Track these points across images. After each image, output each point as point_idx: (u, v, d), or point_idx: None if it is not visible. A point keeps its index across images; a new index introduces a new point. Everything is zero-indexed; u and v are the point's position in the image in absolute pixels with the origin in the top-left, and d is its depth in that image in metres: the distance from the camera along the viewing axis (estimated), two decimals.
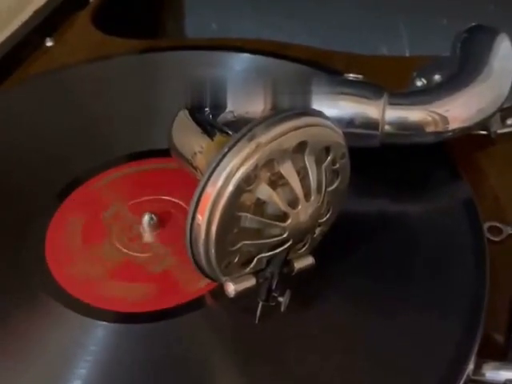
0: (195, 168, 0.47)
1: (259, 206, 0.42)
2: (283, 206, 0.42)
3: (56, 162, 0.57)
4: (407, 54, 0.75)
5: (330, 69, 0.63)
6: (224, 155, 0.40)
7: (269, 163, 0.41)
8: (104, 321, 0.45)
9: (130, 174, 0.55)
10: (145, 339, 0.45)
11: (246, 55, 0.65)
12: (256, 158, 0.40)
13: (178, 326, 0.45)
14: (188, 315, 0.46)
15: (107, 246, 0.50)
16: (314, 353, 0.43)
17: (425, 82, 0.60)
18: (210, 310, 0.46)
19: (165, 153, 0.52)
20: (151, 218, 0.50)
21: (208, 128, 0.49)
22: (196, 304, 0.46)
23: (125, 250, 0.50)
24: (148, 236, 0.50)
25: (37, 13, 0.71)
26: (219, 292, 0.45)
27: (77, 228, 0.51)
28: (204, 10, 0.85)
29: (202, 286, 0.46)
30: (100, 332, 0.45)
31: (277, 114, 0.42)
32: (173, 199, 0.52)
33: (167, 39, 0.75)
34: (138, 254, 0.49)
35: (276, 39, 0.71)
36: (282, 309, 0.42)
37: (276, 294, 0.42)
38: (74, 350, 0.44)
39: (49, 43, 0.71)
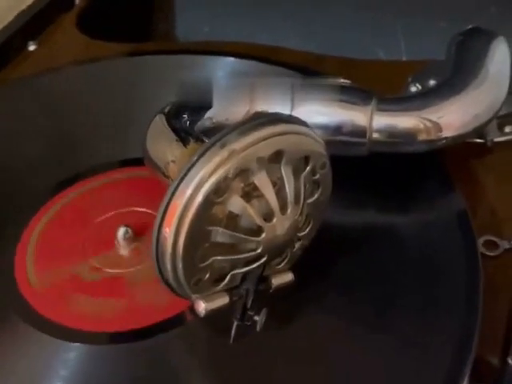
0: (168, 178, 0.45)
1: (232, 219, 0.39)
2: (257, 220, 0.39)
3: (29, 172, 0.55)
4: (404, 58, 0.72)
5: (320, 74, 0.60)
6: (194, 163, 0.38)
7: (242, 173, 0.39)
8: (76, 342, 0.43)
9: (105, 185, 0.53)
10: (119, 361, 0.43)
11: (230, 59, 0.63)
12: (228, 166, 0.38)
13: (154, 347, 0.43)
14: (164, 335, 0.43)
15: (80, 260, 0.48)
16: (294, 372, 0.41)
17: (419, 87, 0.57)
18: (187, 329, 0.44)
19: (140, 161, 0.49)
20: (126, 231, 0.48)
21: (183, 135, 0.46)
22: (172, 322, 0.44)
23: (99, 266, 0.47)
24: (123, 250, 0.48)
25: (20, 15, 0.68)
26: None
27: (48, 242, 0.49)
28: (196, 13, 0.83)
29: (179, 303, 0.43)
30: (72, 354, 0.43)
31: (252, 121, 0.39)
32: (148, 211, 0.50)
33: (153, 43, 0.73)
34: (113, 270, 0.47)
35: (271, 42, 0.69)
36: (258, 328, 0.40)
37: (252, 313, 0.40)
38: (43, 373, 0.42)
39: (31, 47, 0.69)
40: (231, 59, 0.63)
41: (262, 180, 0.39)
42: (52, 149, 0.56)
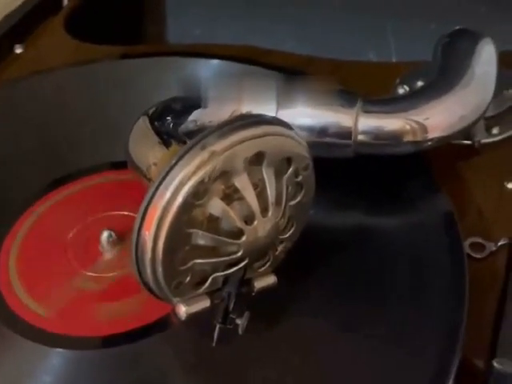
0: (150, 181, 0.44)
1: (213, 222, 0.39)
2: (238, 222, 0.39)
3: (10, 176, 0.54)
4: (394, 60, 0.72)
5: (306, 75, 0.60)
6: (173, 166, 0.37)
7: (223, 175, 0.38)
8: (58, 347, 0.43)
9: (87, 189, 0.53)
10: (102, 366, 0.42)
11: (217, 62, 0.62)
12: (208, 168, 0.37)
13: (138, 351, 0.42)
14: (148, 339, 0.43)
15: (64, 265, 0.47)
16: (278, 374, 0.41)
17: (407, 89, 0.57)
18: (171, 333, 0.43)
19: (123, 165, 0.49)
20: (110, 235, 0.47)
21: (165, 137, 0.45)
22: (157, 326, 0.43)
23: (81, 269, 0.47)
24: (108, 254, 0.47)
25: (6, 18, 0.68)
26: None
27: (30, 248, 0.48)
28: (187, 16, 0.83)
29: (163, 306, 0.43)
30: (55, 360, 0.42)
31: (232, 122, 0.39)
32: (131, 214, 0.49)
33: (143, 46, 0.72)
34: (96, 274, 0.47)
35: (263, 45, 0.68)
36: (240, 331, 0.39)
37: (234, 316, 0.39)
38: (28, 380, 0.42)
39: (18, 50, 0.68)
40: (220, 62, 0.62)
41: (242, 182, 0.39)
42: (36, 153, 0.56)
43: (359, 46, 0.75)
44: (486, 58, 0.51)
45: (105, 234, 0.47)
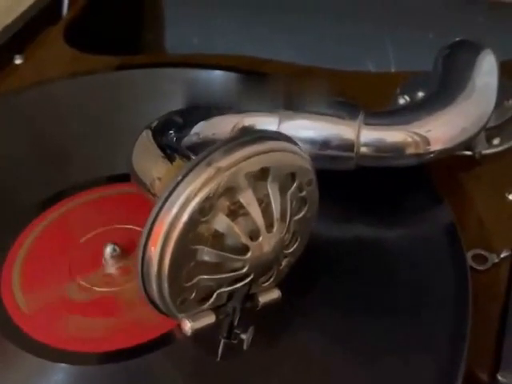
0: (154, 195, 0.44)
1: (218, 238, 0.39)
2: (243, 238, 0.39)
3: (13, 189, 0.54)
4: (393, 70, 0.72)
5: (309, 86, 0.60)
6: (179, 182, 0.38)
7: (228, 191, 0.38)
8: (63, 362, 0.42)
9: (92, 201, 0.52)
10: (106, 381, 0.42)
11: (218, 72, 0.62)
12: (214, 184, 0.38)
13: (143, 366, 0.42)
14: (152, 354, 0.43)
15: (67, 280, 0.47)
16: None
17: (408, 99, 0.57)
18: (176, 348, 0.43)
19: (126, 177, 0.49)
20: (114, 249, 0.47)
21: (169, 152, 0.45)
22: (161, 341, 0.43)
23: (86, 285, 0.47)
24: (110, 268, 0.47)
25: (6, 29, 0.68)
26: None
27: (34, 262, 0.48)
28: (185, 25, 0.82)
29: (167, 321, 0.43)
30: (60, 375, 0.42)
31: (237, 138, 0.39)
32: (136, 227, 0.49)
33: (141, 56, 0.72)
34: (101, 288, 0.46)
35: (260, 55, 0.68)
36: (245, 346, 0.39)
37: (238, 331, 0.39)
38: None
39: (18, 61, 0.68)
40: (219, 72, 0.62)
41: (247, 198, 0.39)
42: (37, 165, 0.56)
43: (357, 55, 0.75)
44: (486, 69, 0.51)
45: (108, 248, 0.47)
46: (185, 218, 0.37)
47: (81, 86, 0.64)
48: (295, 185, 0.41)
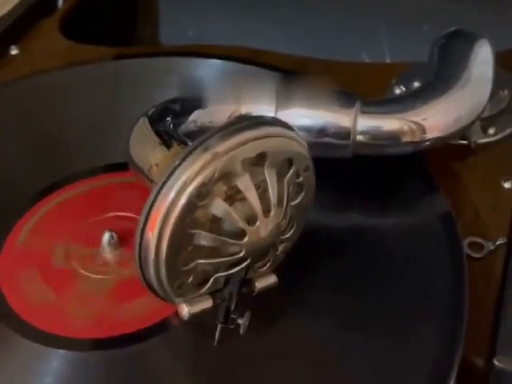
0: (151, 182, 0.44)
1: (215, 223, 0.39)
2: (240, 223, 0.39)
3: (11, 177, 0.54)
4: (388, 61, 0.72)
5: (304, 76, 0.60)
6: (176, 167, 0.38)
7: (225, 176, 0.38)
8: (61, 348, 0.42)
9: (87, 191, 0.52)
10: (103, 368, 0.42)
11: (215, 61, 0.62)
12: (211, 169, 0.38)
13: (139, 353, 0.42)
14: (149, 341, 0.43)
15: (64, 266, 0.47)
16: (279, 375, 0.41)
17: (404, 89, 0.57)
18: (172, 334, 0.43)
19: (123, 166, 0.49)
20: (111, 237, 0.47)
21: (166, 138, 0.45)
22: (158, 328, 0.43)
23: (82, 271, 0.47)
24: (108, 256, 0.47)
25: (1, 19, 0.68)
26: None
27: (32, 249, 0.48)
28: (180, 17, 0.82)
29: (165, 307, 0.43)
30: (56, 361, 0.42)
31: (234, 124, 0.39)
32: (133, 215, 0.49)
33: (137, 46, 0.72)
34: (98, 276, 0.46)
35: (254, 46, 0.68)
36: (242, 331, 0.40)
37: (235, 316, 0.40)
38: (27, 380, 0.41)
39: (13, 51, 0.68)
40: (216, 61, 0.62)
41: (244, 183, 0.39)
42: (34, 154, 0.56)
43: (352, 47, 0.75)
44: (482, 58, 0.51)
45: (106, 236, 0.47)
46: (182, 202, 0.37)
47: (76, 76, 0.63)
48: (292, 170, 0.41)
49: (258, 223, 0.39)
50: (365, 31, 0.76)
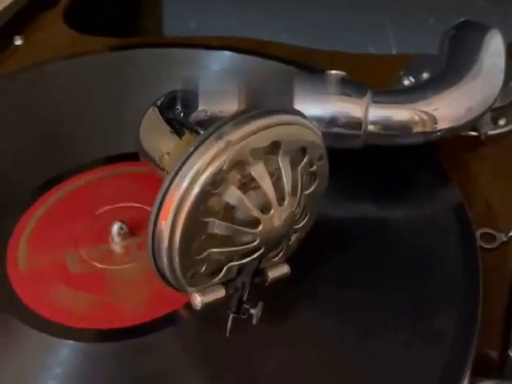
0: (163, 170, 0.44)
1: (229, 211, 0.39)
2: (254, 211, 0.38)
3: (19, 168, 0.53)
4: (393, 53, 0.72)
5: (311, 67, 0.59)
6: (189, 155, 0.37)
7: (239, 164, 0.38)
8: (70, 339, 0.42)
9: (98, 181, 0.52)
10: (114, 359, 0.41)
11: (222, 53, 0.62)
12: (224, 157, 0.37)
13: (149, 344, 0.42)
14: (159, 333, 0.42)
15: (73, 257, 0.46)
16: (289, 366, 0.40)
17: (413, 80, 0.57)
18: (183, 326, 0.43)
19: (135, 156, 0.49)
20: (121, 228, 0.46)
21: (177, 127, 0.45)
22: (168, 320, 0.43)
23: (93, 262, 0.46)
24: (118, 246, 0.47)
25: (5, 10, 0.67)
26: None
27: (40, 240, 0.48)
28: (183, 9, 0.82)
29: (175, 298, 0.42)
30: (65, 352, 0.42)
31: (248, 112, 0.39)
32: (144, 206, 0.48)
33: (140, 38, 0.72)
34: (108, 266, 0.46)
35: (258, 38, 0.67)
36: (254, 321, 0.39)
37: (248, 306, 0.39)
38: (36, 371, 0.41)
39: (18, 42, 0.67)
40: (222, 53, 0.62)
41: (259, 171, 0.38)
42: (42, 144, 0.55)
43: (357, 39, 0.74)
44: (494, 49, 0.51)
45: (115, 226, 0.46)
46: (196, 190, 0.37)
47: (80, 66, 0.63)
48: (306, 159, 0.41)
49: (272, 212, 0.39)
50: (370, 23, 0.75)
